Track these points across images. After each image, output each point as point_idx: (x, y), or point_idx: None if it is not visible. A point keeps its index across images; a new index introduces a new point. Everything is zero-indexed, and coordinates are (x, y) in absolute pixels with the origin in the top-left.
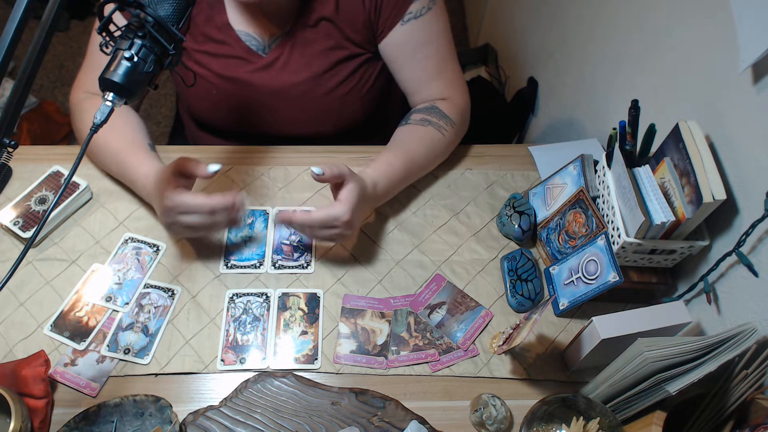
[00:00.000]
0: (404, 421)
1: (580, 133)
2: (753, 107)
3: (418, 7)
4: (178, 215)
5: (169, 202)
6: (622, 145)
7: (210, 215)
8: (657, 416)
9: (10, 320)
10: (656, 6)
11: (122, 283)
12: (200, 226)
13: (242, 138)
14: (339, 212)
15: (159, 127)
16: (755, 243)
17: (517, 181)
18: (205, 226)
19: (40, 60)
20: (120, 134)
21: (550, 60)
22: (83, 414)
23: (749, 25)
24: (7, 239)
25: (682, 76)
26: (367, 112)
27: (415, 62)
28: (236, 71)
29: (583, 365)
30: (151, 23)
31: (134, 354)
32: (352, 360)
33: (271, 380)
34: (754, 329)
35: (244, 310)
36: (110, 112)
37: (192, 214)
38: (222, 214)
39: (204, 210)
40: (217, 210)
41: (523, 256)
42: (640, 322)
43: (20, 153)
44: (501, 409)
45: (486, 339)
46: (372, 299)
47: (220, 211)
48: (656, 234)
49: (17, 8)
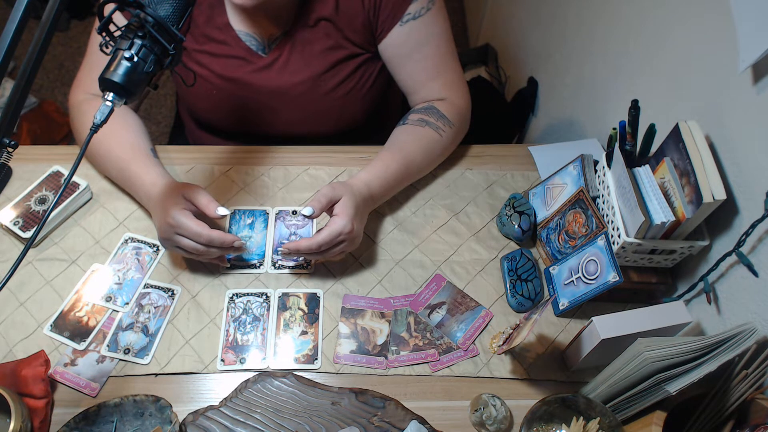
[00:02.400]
0: (404, 421)
1: (580, 133)
2: (753, 107)
3: (417, 8)
4: (176, 235)
5: (172, 221)
6: (622, 145)
7: (205, 246)
8: (657, 416)
9: (10, 320)
10: (656, 6)
11: (122, 283)
12: (192, 251)
13: (242, 138)
14: (340, 226)
15: (159, 127)
16: (755, 243)
17: (517, 181)
18: (196, 252)
19: (40, 60)
20: (121, 139)
21: (550, 60)
22: (83, 414)
23: (749, 25)
24: (7, 239)
25: (682, 76)
26: (367, 112)
27: (414, 62)
28: (236, 71)
29: (583, 365)
30: (151, 23)
31: (134, 354)
32: (352, 360)
33: (271, 380)
34: (754, 329)
35: (244, 310)
36: (110, 112)
37: (188, 239)
38: (216, 249)
39: (200, 240)
40: (213, 244)
41: (523, 256)
42: (640, 322)
43: (20, 153)
44: (501, 409)
45: (486, 339)
46: (372, 299)
47: (216, 246)
48: (656, 234)
49: (17, 8)
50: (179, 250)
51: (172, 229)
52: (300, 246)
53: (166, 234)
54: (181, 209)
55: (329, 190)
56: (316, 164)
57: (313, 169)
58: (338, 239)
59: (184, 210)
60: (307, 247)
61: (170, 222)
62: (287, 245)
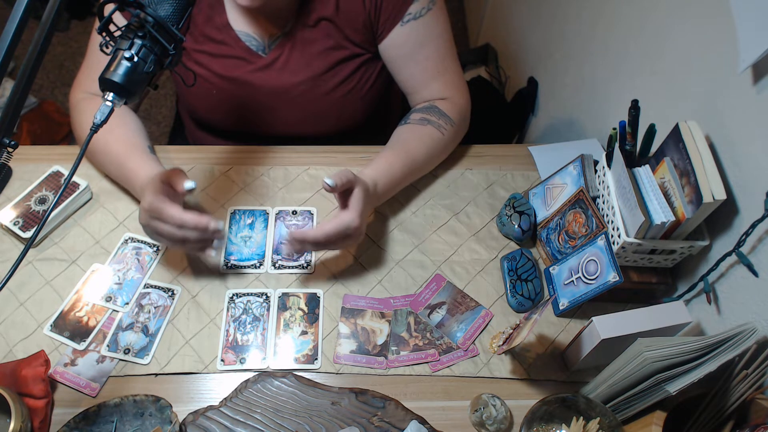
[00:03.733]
0: (404, 421)
1: (580, 133)
2: (753, 107)
3: (418, 8)
4: (151, 219)
5: (146, 204)
6: (622, 145)
7: (179, 229)
8: (657, 416)
9: (10, 320)
10: (656, 6)
11: (122, 283)
12: (169, 236)
13: (242, 138)
14: (350, 219)
15: (159, 127)
16: (755, 243)
17: (517, 181)
18: (174, 238)
19: (40, 60)
20: (119, 137)
21: (550, 60)
22: (83, 414)
23: (749, 25)
24: (7, 239)
25: (682, 76)
26: (367, 112)
27: (415, 63)
28: (236, 71)
29: (583, 365)
30: (151, 23)
31: (134, 354)
32: (352, 360)
33: (271, 380)
34: (754, 329)
35: (244, 310)
36: (110, 112)
37: (163, 223)
38: (191, 232)
39: (173, 222)
40: (186, 226)
41: (523, 256)
42: (640, 322)
43: (20, 153)
44: (501, 409)
45: (486, 339)
46: (372, 299)
47: (190, 228)
48: (656, 234)
49: (17, 8)
50: (159, 238)
51: (148, 213)
52: (306, 235)
53: (144, 220)
54: (155, 193)
55: (351, 173)
56: (316, 164)
57: (313, 169)
58: (345, 233)
59: (158, 194)
60: (314, 237)
61: (144, 206)
62: (293, 233)
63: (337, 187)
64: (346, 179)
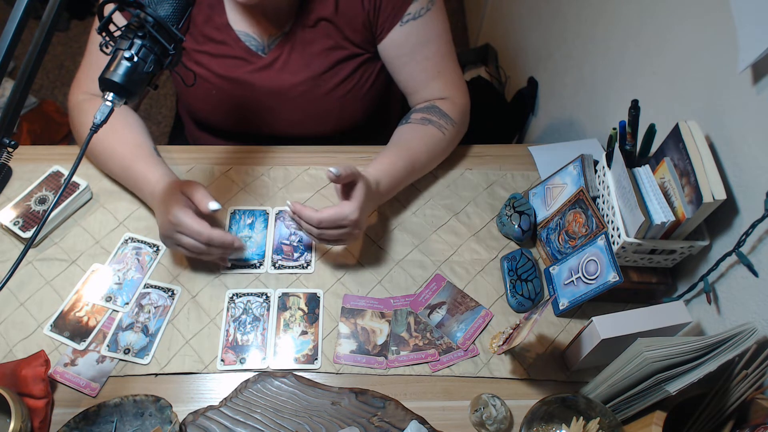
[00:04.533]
0: (404, 421)
1: (580, 133)
2: (753, 107)
3: (417, 8)
4: (176, 233)
5: (173, 218)
6: (622, 145)
7: (205, 245)
8: (657, 416)
9: (10, 320)
10: (656, 6)
11: (122, 283)
12: (193, 249)
13: (242, 138)
14: (348, 211)
15: (159, 127)
16: (755, 243)
17: (517, 181)
18: (197, 251)
19: (40, 60)
20: (123, 138)
21: (550, 60)
22: (83, 414)
23: (749, 25)
24: (7, 239)
25: (682, 76)
26: (367, 112)
27: (415, 63)
28: (236, 71)
29: (583, 365)
30: (151, 23)
31: (134, 354)
32: (352, 360)
33: (271, 380)
34: (754, 329)
35: (244, 310)
36: (110, 112)
37: (189, 237)
38: (216, 249)
39: (200, 239)
40: (213, 243)
41: (523, 256)
42: (640, 322)
43: (20, 153)
44: (501, 409)
45: (486, 339)
46: (372, 299)
47: (216, 245)
48: (656, 234)
49: (17, 8)
50: (180, 248)
51: (173, 227)
52: (303, 212)
53: (167, 232)
54: (182, 207)
55: (355, 167)
56: (316, 164)
57: (313, 169)
58: (341, 222)
59: (185, 208)
60: (308, 216)
61: (171, 220)
62: (295, 204)
63: (341, 177)
64: (351, 171)
